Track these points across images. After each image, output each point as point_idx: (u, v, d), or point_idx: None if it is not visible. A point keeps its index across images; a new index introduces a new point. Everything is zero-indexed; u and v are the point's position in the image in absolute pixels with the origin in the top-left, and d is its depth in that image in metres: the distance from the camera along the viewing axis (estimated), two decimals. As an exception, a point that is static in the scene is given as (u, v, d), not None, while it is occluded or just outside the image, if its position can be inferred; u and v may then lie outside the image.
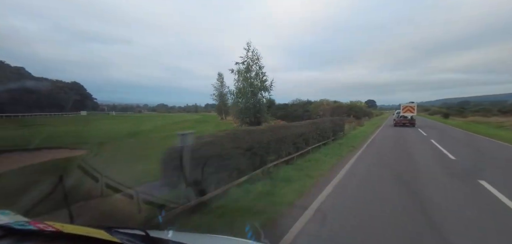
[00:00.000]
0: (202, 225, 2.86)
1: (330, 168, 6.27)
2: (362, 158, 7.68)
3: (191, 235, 1.16)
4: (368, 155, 8.27)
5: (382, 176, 5.39)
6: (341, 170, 5.92)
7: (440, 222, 3.11)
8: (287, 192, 4.19)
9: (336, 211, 3.51)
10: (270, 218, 3.15)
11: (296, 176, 5.24)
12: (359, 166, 6.50)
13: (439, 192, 4.31)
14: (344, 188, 4.59)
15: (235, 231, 2.38)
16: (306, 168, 5.98)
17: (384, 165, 6.63)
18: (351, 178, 5.28)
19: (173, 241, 0.91)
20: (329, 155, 7.85)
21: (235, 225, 2.70)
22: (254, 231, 1.74)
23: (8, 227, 0.97)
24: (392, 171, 5.90)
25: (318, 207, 3.63)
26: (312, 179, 5.13)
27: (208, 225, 2.86)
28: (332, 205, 3.71)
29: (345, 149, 9.23)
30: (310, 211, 3.46)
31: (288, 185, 4.59)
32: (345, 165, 6.47)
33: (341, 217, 3.28)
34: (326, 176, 5.46)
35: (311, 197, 4.07)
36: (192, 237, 1.11)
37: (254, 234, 1.67)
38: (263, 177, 4.93)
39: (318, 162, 6.83)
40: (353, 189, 4.54)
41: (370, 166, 6.51)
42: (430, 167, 6.30)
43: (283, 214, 3.34)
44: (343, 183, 4.91)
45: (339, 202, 3.86)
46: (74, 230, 0.92)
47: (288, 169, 5.84)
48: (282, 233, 2.80)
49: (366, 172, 5.79)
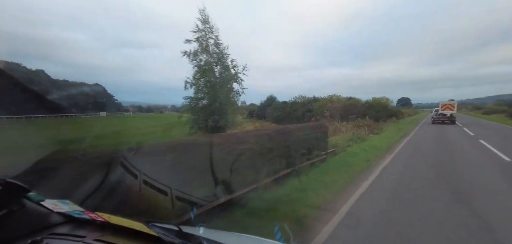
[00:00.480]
0: (230, 223, 2.93)
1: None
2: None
3: (221, 232, 1.19)
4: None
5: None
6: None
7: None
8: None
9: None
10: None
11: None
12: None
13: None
14: None
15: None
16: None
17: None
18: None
19: (204, 237, 0.96)
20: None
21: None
22: (283, 232, 1.70)
23: (68, 215, 1.13)
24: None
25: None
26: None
27: (235, 223, 2.91)
28: None
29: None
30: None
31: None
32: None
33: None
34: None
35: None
36: (221, 234, 1.14)
37: (283, 235, 1.63)
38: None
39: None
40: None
41: None
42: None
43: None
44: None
45: None
46: (118, 221, 1.03)
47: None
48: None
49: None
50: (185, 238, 0.93)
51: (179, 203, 2.79)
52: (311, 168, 5.86)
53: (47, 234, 0.99)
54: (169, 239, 0.88)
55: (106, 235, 0.99)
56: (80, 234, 1.00)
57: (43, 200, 1.09)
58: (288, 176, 4.99)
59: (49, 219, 1.09)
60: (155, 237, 0.90)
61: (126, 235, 0.97)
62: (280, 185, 4.53)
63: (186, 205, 2.89)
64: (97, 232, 1.02)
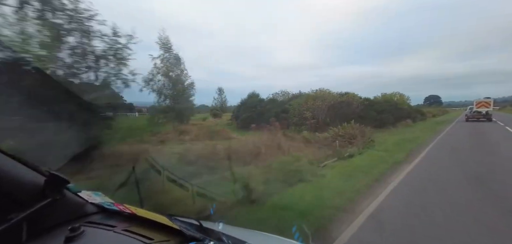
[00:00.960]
0: (249, 220, 2.97)
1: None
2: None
3: (239, 229, 1.22)
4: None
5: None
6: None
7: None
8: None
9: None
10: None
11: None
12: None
13: None
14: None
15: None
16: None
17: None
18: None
19: (223, 233, 0.98)
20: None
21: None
22: (301, 232, 1.68)
23: (101, 206, 1.24)
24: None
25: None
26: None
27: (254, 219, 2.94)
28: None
29: None
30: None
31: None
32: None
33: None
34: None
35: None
36: (240, 231, 1.17)
37: (301, 235, 1.62)
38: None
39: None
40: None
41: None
42: None
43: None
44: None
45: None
46: (144, 214, 1.10)
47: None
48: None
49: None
50: (205, 233, 0.96)
51: (199, 199, 2.89)
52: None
53: (83, 222, 1.09)
54: (190, 233, 0.92)
55: (133, 226, 1.06)
56: (111, 224, 1.09)
57: (80, 191, 1.20)
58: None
59: (85, 208, 1.20)
60: (177, 230, 0.95)
61: (151, 227, 1.04)
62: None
63: (206, 201, 2.99)
64: (125, 222, 1.10)
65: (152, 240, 0.94)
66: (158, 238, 0.95)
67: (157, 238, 0.95)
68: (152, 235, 0.97)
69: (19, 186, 0.95)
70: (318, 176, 5.36)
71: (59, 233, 0.96)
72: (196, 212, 2.74)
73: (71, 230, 0.94)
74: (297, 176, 5.09)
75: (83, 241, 0.94)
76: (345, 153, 7.95)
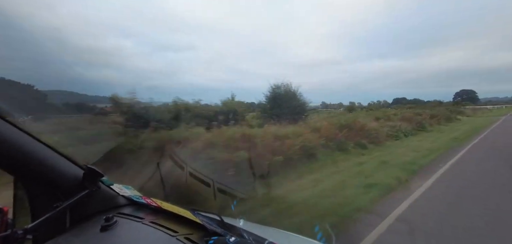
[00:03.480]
0: (267, 217, 2.99)
1: None
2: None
3: (260, 226, 1.23)
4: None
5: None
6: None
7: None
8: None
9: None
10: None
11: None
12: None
13: None
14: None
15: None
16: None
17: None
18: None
19: (243, 229, 1.00)
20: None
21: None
22: (324, 233, 1.64)
23: (130, 199, 1.33)
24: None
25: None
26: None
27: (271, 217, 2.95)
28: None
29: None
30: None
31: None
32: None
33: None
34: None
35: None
36: (260, 228, 1.18)
37: (324, 236, 1.58)
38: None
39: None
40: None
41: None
42: None
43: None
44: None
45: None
46: (168, 207, 1.16)
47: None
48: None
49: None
50: (226, 228, 0.98)
51: (220, 195, 2.96)
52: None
53: (115, 213, 1.18)
54: (212, 228, 0.95)
55: (159, 218, 1.13)
56: (140, 216, 1.17)
57: (112, 184, 1.30)
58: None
59: (117, 200, 1.30)
60: (199, 225, 0.98)
61: (175, 220, 1.09)
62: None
63: (227, 197, 3.06)
64: (152, 215, 1.18)
65: (176, 233, 0.99)
66: (182, 231, 1.00)
67: (181, 231, 1.00)
68: (176, 228, 1.02)
69: (63, 177, 1.06)
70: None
71: (96, 222, 1.06)
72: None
73: (106, 220, 1.03)
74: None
75: (116, 231, 1.03)
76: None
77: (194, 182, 2.98)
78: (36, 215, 1.00)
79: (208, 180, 2.76)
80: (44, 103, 6.42)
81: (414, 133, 12.46)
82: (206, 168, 4.02)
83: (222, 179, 3.31)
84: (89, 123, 5.37)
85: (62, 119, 4.22)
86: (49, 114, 4.47)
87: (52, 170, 1.02)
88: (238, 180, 4.22)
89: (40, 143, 1.00)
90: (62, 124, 4.17)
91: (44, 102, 6.63)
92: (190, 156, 4.50)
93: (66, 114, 4.67)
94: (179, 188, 3.04)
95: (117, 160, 4.29)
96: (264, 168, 4.88)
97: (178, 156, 3.04)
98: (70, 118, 4.86)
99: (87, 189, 1.10)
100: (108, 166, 4.08)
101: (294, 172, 5.63)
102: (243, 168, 4.57)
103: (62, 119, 4.25)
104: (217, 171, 4.36)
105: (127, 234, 1.04)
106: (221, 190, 2.93)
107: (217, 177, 3.75)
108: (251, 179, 4.17)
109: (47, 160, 1.01)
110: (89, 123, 5.36)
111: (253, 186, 3.85)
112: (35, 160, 0.96)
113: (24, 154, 0.92)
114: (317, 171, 5.84)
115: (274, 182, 4.72)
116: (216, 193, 2.74)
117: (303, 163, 6.34)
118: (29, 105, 4.51)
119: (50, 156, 1.03)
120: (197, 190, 3.08)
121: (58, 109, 6.39)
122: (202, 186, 2.96)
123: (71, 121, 4.75)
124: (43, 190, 1.04)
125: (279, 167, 5.52)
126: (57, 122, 4.13)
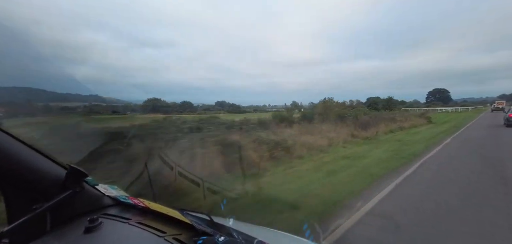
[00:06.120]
0: (257, 215, 2.99)
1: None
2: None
3: (250, 225, 1.22)
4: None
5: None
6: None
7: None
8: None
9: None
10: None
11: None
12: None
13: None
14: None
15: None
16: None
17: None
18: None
19: (233, 228, 0.99)
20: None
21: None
22: (312, 230, 1.67)
23: (117, 199, 1.29)
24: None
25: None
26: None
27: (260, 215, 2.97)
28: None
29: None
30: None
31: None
32: None
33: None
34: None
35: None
36: (250, 227, 1.17)
37: (313, 233, 1.62)
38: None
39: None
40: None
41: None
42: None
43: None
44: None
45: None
46: (156, 208, 1.14)
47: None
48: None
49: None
50: (215, 228, 0.98)
51: (210, 194, 2.94)
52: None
53: (100, 213, 1.14)
54: (201, 228, 0.94)
55: (147, 219, 1.10)
56: (126, 217, 1.13)
57: (97, 185, 1.25)
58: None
59: (102, 201, 1.26)
60: (188, 225, 0.97)
61: (163, 221, 1.07)
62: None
63: (217, 197, 3.04)
64: (139, 216, 1.14)
65: (165, 233, 0.97)
66: (170, 231, 0.98)
67: (169, 231, 0.98)
68: (164, 229, 1.00)
69: (43, 178, 1.01)
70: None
71: (79, 223, 1.02)
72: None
73: (90, 221, 0.99)
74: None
75: (101, 232, 0.99)
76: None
77: (183, 182, 2.94)
78: (13, 218, 0.95)
79: (197, 179, 2.74)
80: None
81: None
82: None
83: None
84: (61, 122, 5.12)
85: (31, 119, 3.98)
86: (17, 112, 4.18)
87: (30, 170, 0.97)
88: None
89: (18, 141, 0.95)
90: (32, 124, 3.96)
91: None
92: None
93: (33, 113, 4.40)
94: (167, 189, 2.99)
95: (100, 159, 4.15)
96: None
97: (167, 155, 2.99)
98: (35, 118, 4.59)
99: (70, 189, 1.05)
100: (93, 166, 3.94)
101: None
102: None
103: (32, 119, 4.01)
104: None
105: (113, 235, 1.00)
106: (211, 189, 2.91)
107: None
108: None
109: (25, 160, 0.96)
110: (60, 122, 5.11)
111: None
112: (11, 160, 0.91)
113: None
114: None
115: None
116: (205, 192, 2.72)
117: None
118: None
119: (28, 155, 0.98)
120: (186, 190, 3.04)
121: (25, 107, 5.98)
122: (192, 185, 2.92)
123: (37, 120, 4.48)
124: (21, 191, 0.98)
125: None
126: (28, 122, 3.92)
